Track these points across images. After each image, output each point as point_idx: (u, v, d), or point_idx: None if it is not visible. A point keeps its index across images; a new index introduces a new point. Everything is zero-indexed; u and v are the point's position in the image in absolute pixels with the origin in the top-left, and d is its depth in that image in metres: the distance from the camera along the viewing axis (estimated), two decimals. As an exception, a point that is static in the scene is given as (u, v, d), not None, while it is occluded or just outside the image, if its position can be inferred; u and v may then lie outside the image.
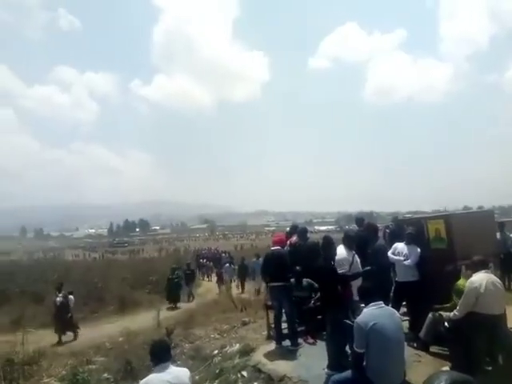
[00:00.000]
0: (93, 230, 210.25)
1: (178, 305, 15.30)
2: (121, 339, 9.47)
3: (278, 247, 6.46)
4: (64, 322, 11.10)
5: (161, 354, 3.36)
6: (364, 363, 3.53)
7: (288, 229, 9.05)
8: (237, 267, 18.63)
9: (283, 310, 6.21)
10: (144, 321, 12.27)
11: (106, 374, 6.80)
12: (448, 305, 5.05)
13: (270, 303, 6.75)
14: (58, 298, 11.35)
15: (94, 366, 7.36)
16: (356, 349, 3.54)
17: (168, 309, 14.59)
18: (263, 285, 9.99)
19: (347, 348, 4.85)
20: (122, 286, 16.99)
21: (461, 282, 4.92)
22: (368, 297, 3.74)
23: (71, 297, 11.63)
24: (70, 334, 11.25)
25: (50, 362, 7.69)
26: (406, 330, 5.58)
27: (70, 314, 11.30)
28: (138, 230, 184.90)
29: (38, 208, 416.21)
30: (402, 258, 5.99)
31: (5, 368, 6.53)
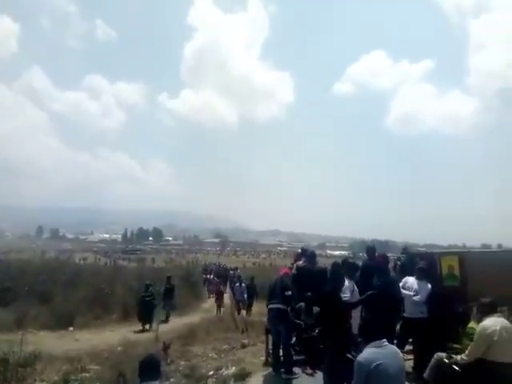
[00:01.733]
0: (107, 235, 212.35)
1: (150, 326, 12.97)
2: (119, 349, 9.36)
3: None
4: None
5: (148, 371, 3.28)
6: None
7: (299, 250, 8.94)
8: (244, 285, 17.94)
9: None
10: (145, 332, 12.19)
11: (97, 384, 6.67)
12: (459, 346, 4.78)
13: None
14: None
15: (87, 374, 7.22)
16: (354, 387, 3.33)
17: (136, 332, 12.42)
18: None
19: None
20: (127, 294, 16.89)
21: (471, 325, 4.67)
22: (371, 333, 3.49)
23: None
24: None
25: (45, 366, 7.57)
26: (410, 369, 5.32)
27: None
28: (151, 238, 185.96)
29: (57, 209, 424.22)
30: (411, 293, 5.79)
31: (-1, 368, 6.46)
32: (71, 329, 12.62)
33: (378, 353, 3.25)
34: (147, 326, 13.09)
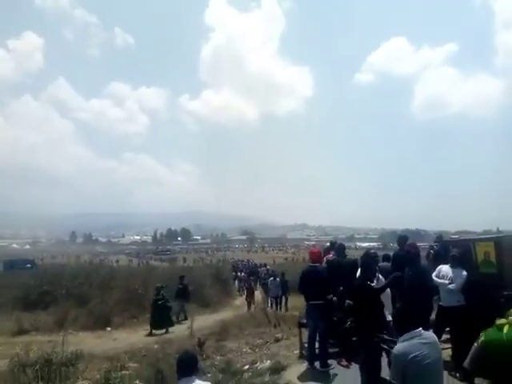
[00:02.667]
0: (138, 237, 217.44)
1: (167, 331, 12.58)
2: (156, 346, 9.59)
3: (317, 264, 6.30)
4: None
5: (186, 367, 3.33)
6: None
7: (327, 244, 8.88)
8: (278, 280, 17.49)
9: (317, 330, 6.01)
10: (179, 329, 12.42)
11: (137, 381, 6.84)
12: None
13: (303, 321, 6.58)
14: None
15: (127, 372, 7.43)
16: (392, 380, 3.28)
17: (147, 335, 12.18)
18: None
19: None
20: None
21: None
22: (406, 322, 3.42)
23: None
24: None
25: (86, 365, 7.86)
26: (448, 358, 5.21)
27: None
28: (179, 238, 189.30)
29: (89, 215, 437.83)
30: (446, 282, 5.67)
31: (43, 368, 6.73)
32: (109, 329, 13.01)
33: (414, 344, 3.16)
34: (163, 330, 12.60)
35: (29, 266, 34.48)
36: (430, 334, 3.44)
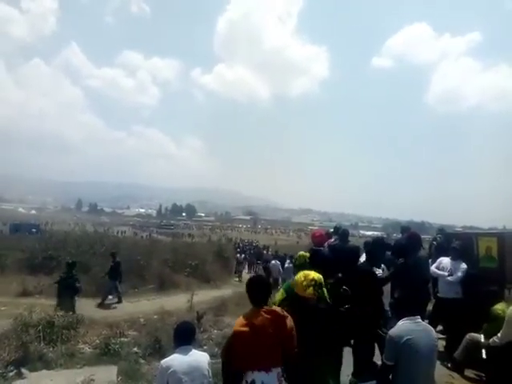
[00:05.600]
0: (143, 210, 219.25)
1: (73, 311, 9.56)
2: (155, 317, 9.80)
3: (320, 248, 6.32)
4: None
5: (184, 337, 3.41)
6: (391, 376, 3.35)
7: (331, 230, 8.88)
8: (279, 263, 17.60)
9: None
10: (179, 302, 12.63)
11: (135, 348, 7.04)
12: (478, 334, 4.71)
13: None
14: None
15: (125, 339, 7.63)
16: (385, 360, 3.37)
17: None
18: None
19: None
20: (162, 266, 17.49)
21: (498, 306, 4.56)
22: (403, 309, 3.51)
23: None
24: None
25: (87, 330, 8.06)
26: (442, 349, 5.29)
27: None
28: (184, 214, 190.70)
29: (95, 184, 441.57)
30: (445, 273, 5.69)
31: (45, 329, 6.95)
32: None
33: (410, 328, 3.26)
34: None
35: (34, 230, 34.92)
36: (426, 324, 3.53)
